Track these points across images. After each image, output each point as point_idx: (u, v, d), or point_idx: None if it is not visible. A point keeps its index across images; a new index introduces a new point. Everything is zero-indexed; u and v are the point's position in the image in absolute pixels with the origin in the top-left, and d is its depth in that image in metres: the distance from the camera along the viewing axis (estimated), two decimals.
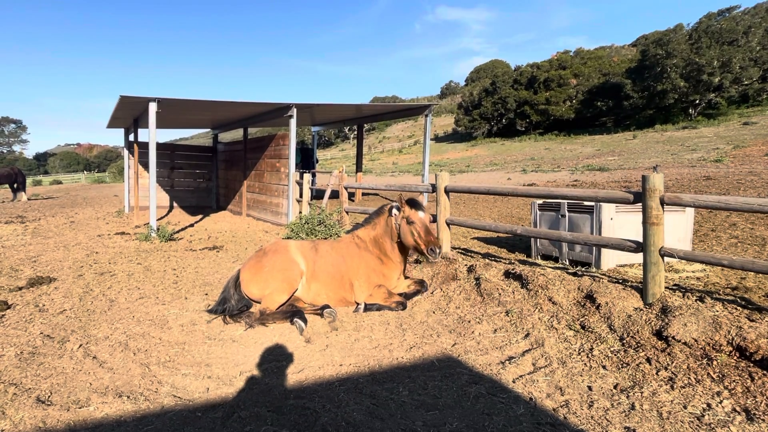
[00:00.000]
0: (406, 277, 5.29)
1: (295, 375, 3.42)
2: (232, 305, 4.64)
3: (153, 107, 10.00)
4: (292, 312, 4.45)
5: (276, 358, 3.72)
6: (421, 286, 5.17)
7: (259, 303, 4.64)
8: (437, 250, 4.48)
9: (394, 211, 4.81)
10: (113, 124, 15.23)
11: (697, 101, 38.02)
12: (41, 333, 4.24)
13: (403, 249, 4.90)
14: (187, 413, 2.89)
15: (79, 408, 2.95)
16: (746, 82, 36.73)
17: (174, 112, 12.15)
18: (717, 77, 35.74)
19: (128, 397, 3.08)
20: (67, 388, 3.22)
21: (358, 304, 4.78)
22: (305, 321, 4.32)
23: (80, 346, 3.96)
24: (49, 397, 3.10)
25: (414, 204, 4.71)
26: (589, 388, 3.06)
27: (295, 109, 10.89)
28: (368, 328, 4.34)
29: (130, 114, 12.98)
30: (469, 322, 4.34)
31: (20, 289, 5.72)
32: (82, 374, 3.45)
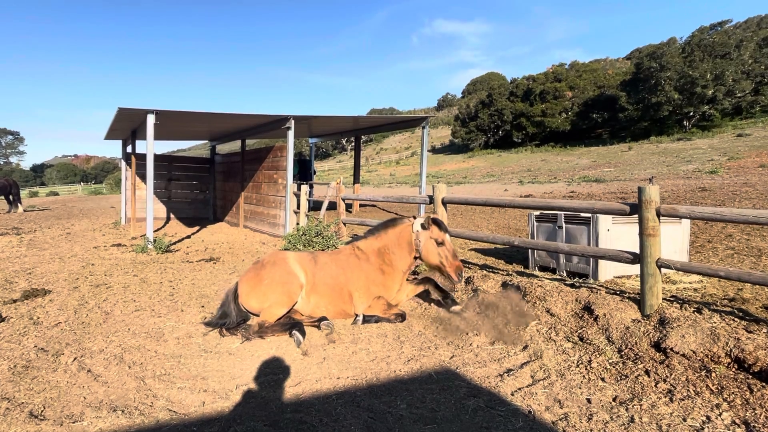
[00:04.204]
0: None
1: (292, 388, 3.39)
2: (233, 319, 4.60)
3: (151, 119, 10.02)
4: (290, 324, 4.41)
5: (273, 371, 3.69)
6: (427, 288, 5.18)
7: (258, 316, 4.61)
8: (463, 274, 4.71)
9: (418, 228, 4.81)
10: (111, 135, 15.25)
11: (692, 113, 38.45)
12: (35, 346, 4.20)
13: (407, 262, 4.92)
14: (183, 428, 2.85)
15: (73, 423, 2.90)
16: (739, 95, 37.20)
17: (172, 123, 12.18)
18: (710, 90, 36.20)
19: (123, 411, 3.04)
20: (61, 403, 3.18)
21: (357, 315, 4.76)
22: (303, 333, 4.29)
23: (75, 359, 3.92)
24: (42, 411, 3.05)
25: (442, 226, 4.81)
26: (588, 400, 3.05)
27: (293, 121, 10.94)
28: (366, 341, 4.31)
29: (128, 126, 13.00)
30: (467, 334, 4.32)
31: (15, 301, 5.67)
32: (76, 388, 3.40)
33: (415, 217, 4.95)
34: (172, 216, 16.84)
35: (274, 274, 4.69)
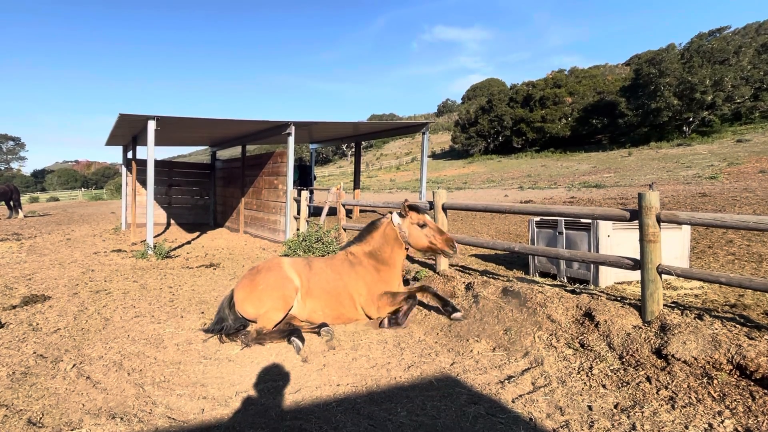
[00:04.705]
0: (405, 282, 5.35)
1: (291, 395, 3.38)
2: (230, 325, 4.59)
3: (152, 125, 10.05)
4: (289, 331, 4.40)
5: (272, 378, 3.67)
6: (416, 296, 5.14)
7: (255, 322, 4.59)
8: (455, 245, 4.77)
9: (397, 219, 4.86)
10: (112, 141, 15.28)
11: (691, 119, 38.54)
12: (34, 352, 4.18)
13: (402, 256, 5.00)
14: None
15: (71, 430, 2.89)
16: (738, 101, 37.30)
17: (172, 129, 12.20)
18: (710, 95, 36.30)
19: (122, 418, 3.03)
20: (60, 410, 3.16)
21: (381, 321, 4.79)
22: (302, 340, 4.28)
23: (74, 365, 3.91)
24: (40, 419, 3.04)
25: (419, 209, 4.93)
26: (590, 407, 3.03)
27: (293, 127, 10.97)
28: (366, 347, 4.30)
29: (129, 131, 13.03)
30: (467, 340, 4.31)
31: (14, 307, 5.66)
32: (75, 395, 3.39)
33: (391, 212, 4.98)
34: (172, 221, 16.85)
35: (268, 280, 4.68)
